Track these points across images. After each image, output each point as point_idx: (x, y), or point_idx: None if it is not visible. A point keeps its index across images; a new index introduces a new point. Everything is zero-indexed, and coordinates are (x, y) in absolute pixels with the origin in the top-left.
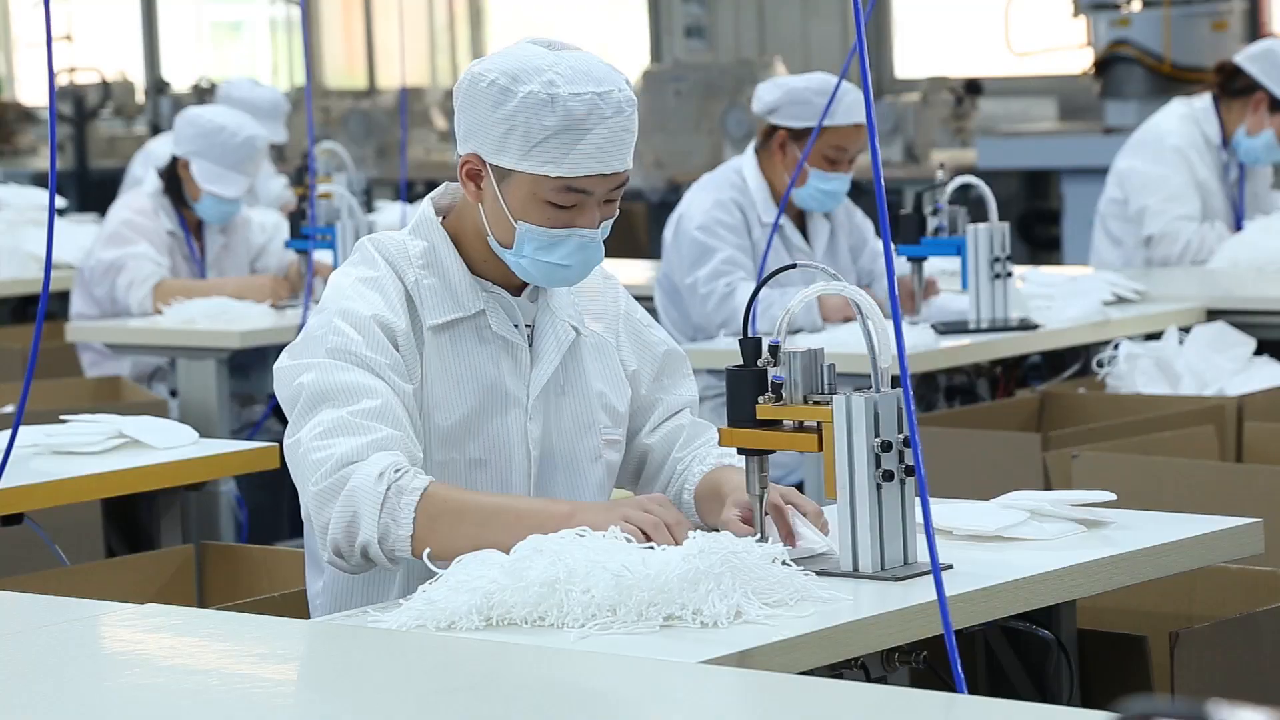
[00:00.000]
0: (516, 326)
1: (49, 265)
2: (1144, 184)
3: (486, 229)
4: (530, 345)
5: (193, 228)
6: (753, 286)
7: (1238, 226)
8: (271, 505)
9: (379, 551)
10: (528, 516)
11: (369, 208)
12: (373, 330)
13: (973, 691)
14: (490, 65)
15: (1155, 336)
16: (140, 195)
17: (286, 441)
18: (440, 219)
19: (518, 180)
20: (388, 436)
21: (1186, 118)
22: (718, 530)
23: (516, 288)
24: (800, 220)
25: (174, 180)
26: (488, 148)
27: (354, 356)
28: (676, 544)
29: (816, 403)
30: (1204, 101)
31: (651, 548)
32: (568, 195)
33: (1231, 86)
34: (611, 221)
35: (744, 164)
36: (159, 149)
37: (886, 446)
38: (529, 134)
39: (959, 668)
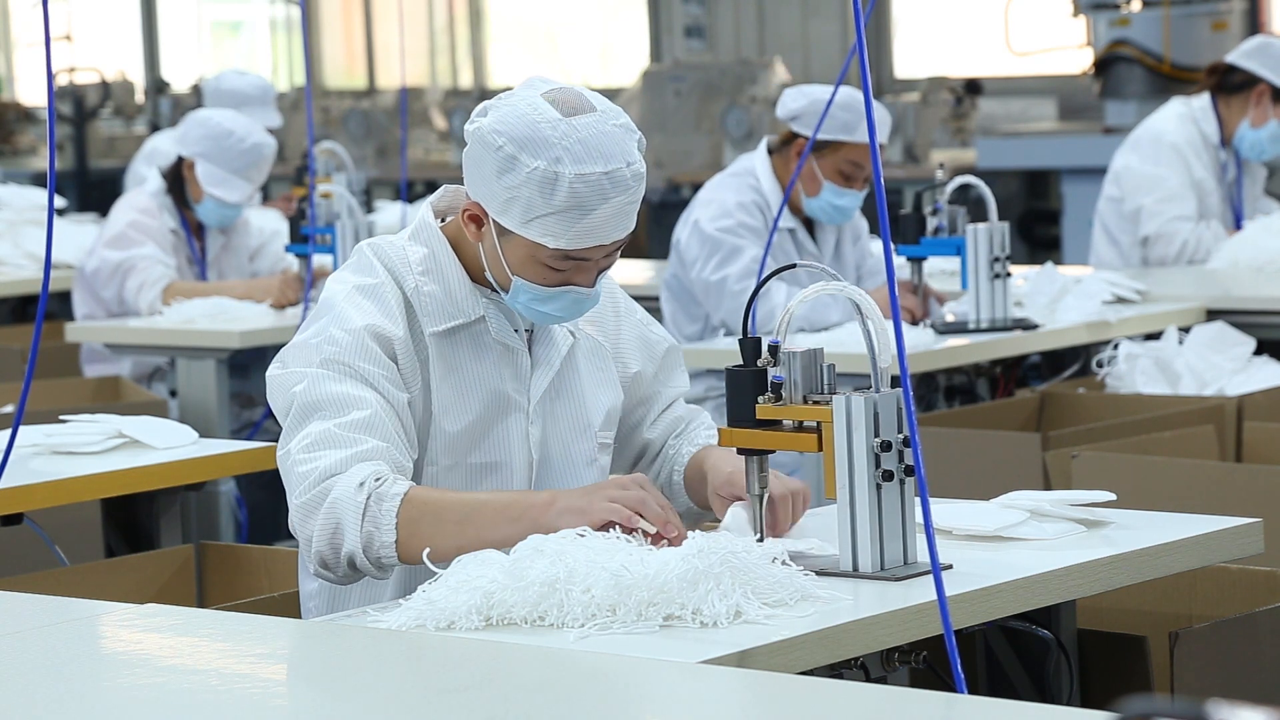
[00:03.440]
0: (516, 332)
1: (49, 265)
2: (1140, 183)
3: (485, 266)
4: (530, 350)
5: (193, 228)
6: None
7: (1237, 226)
8: (271, 505)
9: (365, 560)
10: (509, 508)
11: (369, 208)
12: (365, 340)
13: (973, 691)
14: (500, 125)
15: (1155, 336)
16: (142, 194)
17: (278, 452)
18: (440, 222)
19: (517, 241)
20: (372, 448)
21: (1185, 117)
22: (706, 508)
23: None
24: (810, 226)
25: (177, 179)
26: (491, 207)
27: (345, 367)
28: (664, 521)
29: (816, 403)
30: (1202, 101)
31: (634, 542)
32: (565, 261)
33: (1229, 83)
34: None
35: (756, 164)
36: (161, 146)
37: (886, 446)
38: (531, 207)
39: (959, 668)
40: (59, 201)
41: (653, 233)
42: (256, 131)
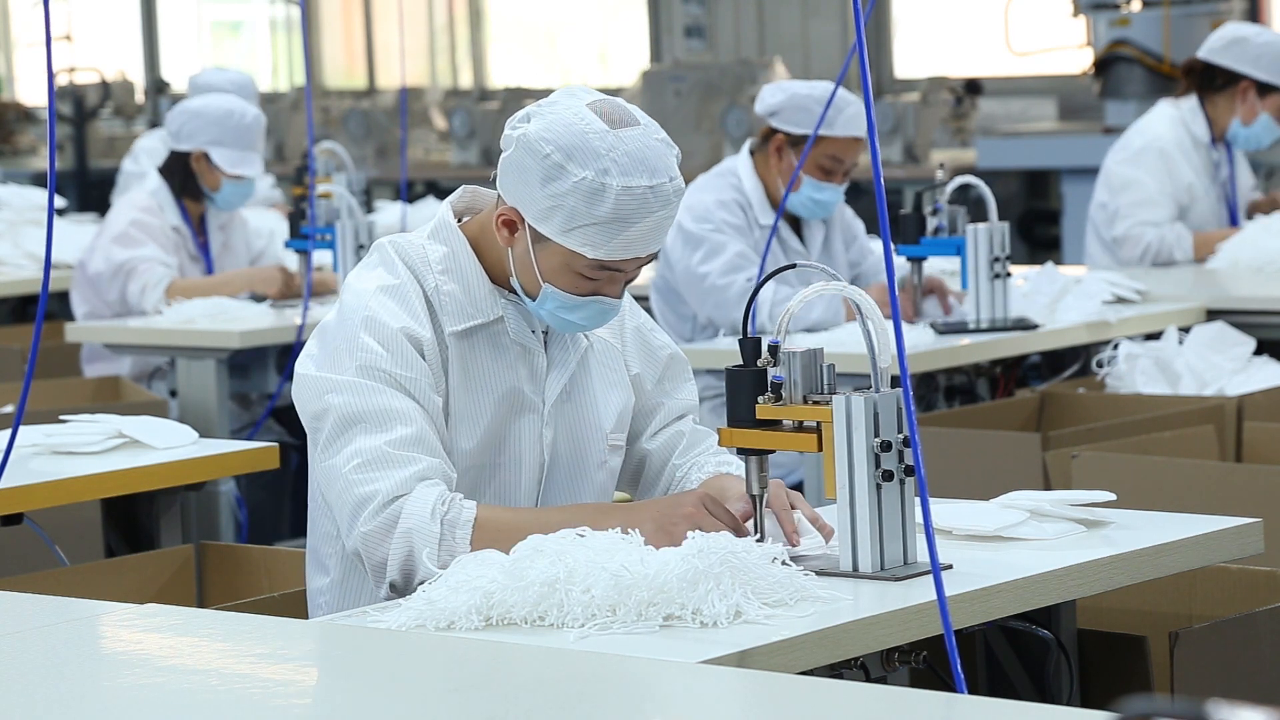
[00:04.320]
0: (534, 333)
1: (49, 265)
2: (1119, 185)
3: (512, 271)
4: (545, 351)
5: (196, 224)
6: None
7: (1232, 224)
8: (271, 505)
9: None
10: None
11: (369, 208)
12: (401, 345)
13: (973, 691)
14: (547, 133)
15: (1155, 336)
16: (142, 193)
17: (319, 463)
18: (458, 221)
19: (554, 249)
20: (428, 466)
21: (1174, 119)
22: None
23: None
24: (796, 223)
25: (183, 176)
26: (530, 213)
27: (384, 375)
28: (739, 530)
29: (816, 403)
30: (1190, 102)
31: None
32: (600, 271)
33: (1212, 83)
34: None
35: (739, 165)
36: (146, 145)
37: (886, 446)
38: (574, 216)
39: (959, 668)
40: (59, 201)
41: None
42: (249, 106)
